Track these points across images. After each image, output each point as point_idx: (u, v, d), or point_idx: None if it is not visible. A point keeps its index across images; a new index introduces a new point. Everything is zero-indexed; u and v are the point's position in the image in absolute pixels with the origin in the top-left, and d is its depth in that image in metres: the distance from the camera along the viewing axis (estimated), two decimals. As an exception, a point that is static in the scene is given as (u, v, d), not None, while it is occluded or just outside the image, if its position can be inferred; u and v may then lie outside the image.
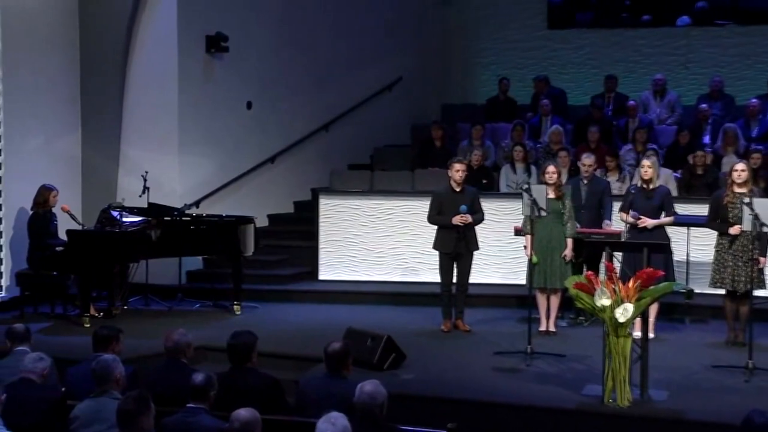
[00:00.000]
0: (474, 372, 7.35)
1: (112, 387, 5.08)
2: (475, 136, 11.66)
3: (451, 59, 14.33)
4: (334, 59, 12.41)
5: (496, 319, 9.17)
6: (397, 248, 10.50)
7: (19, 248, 9.53)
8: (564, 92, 13.07)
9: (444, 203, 8.63)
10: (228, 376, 5.42)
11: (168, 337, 5.77)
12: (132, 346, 7.15)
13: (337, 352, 5.38)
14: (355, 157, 12.57)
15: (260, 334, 5.75)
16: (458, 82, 14.31)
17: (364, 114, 12.88)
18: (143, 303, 9.83)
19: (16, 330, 6.13)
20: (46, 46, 10.09)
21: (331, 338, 5.79)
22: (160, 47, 10.38)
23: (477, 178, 10.14)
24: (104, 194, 10.22)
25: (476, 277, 9.17)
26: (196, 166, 10.68)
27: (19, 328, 6.14)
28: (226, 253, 9.59)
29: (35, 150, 9.99)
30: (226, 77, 10.99)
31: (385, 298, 9.99)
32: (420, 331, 8.68)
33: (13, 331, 6.12)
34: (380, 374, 6.71)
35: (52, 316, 9.25)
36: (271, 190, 11.61)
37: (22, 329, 6.14)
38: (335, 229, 10.62)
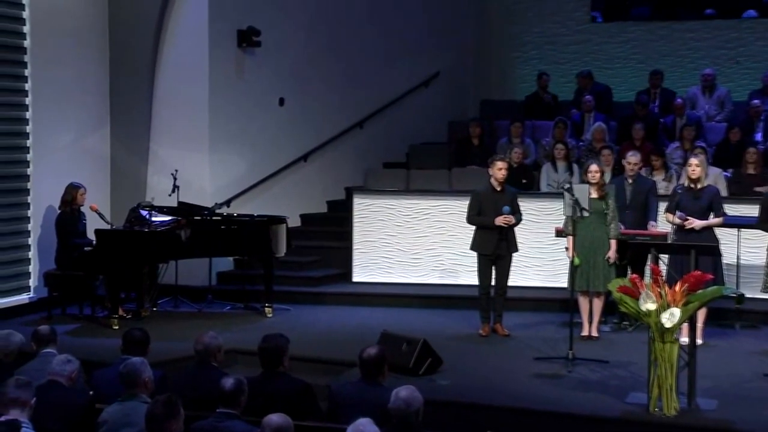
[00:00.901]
0: (513, 378, 7.32)
1: (140, 390, 5.12)
2: (515, 133, 11.61)
3: (489, 54, 14.28)
4: (369, 54, 12.42)
5: (536, 323, 9.13)
6: (433, 249, 10.49)
7: (47, 248, 9.64)
8: (609, 88, 12.96)
9: (484, 203, 8.60)
10: (259, 381, 5.44)
11: (198, 340, 5.80)
12: (161, 349, 7.19)
13: (373, 358, 5.37)
14: (391, 155, 12.57)
15: (292, 337, 5.76)
16: (497, 78, 14.26)
17: (399, 110, 12.88)
18: (173, 305, 9.90)
19: (41, 332, 6.19)
20: (74, 42, 10.20)
21: (365, 342, 5.80)
22: (190, 42, 10.45)
23: (516, 177, 10.09)
24: (133, 193, 10.31)
25: (516, 279, 9.15)
26: (226, 164, 10.73)
27: (44, 330, 6.21)
28: (257, 253, 9.64)
29: (64, 148, 10.10)
30: (258, 73, 11.04)
31: (421, 301, 9.98)
32: (457, 335, 8.66)
33: (38, 333, 6.19)
34: (416, 380, 6.70)
35: (80, 317, 9.35)
36: (304, 189, 11.64)
37: (47, 331, 6.20)
38: (370, 229, 10.62)
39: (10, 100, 9.59)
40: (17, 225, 9.68)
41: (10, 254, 9.59)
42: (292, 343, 5.70)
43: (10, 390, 4.68)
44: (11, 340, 6.14)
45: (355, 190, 10.90)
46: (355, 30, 12.25)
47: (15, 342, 6.15)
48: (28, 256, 9.77)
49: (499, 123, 12.49)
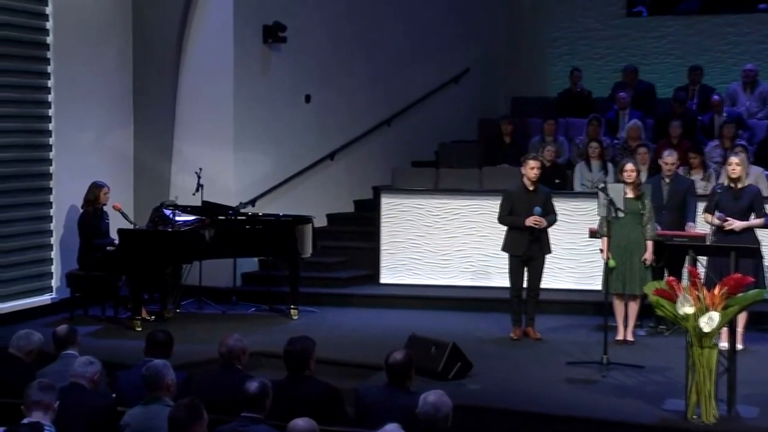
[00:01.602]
0: (545, 383, 7.29)
1: (163, 393, 5.13)
2: (548, 131, 11.57)
3: (521, 49, 14.24)
4: (397, 49, 12.42)
5: (569, 326, 9.10)
6: (463, 250, 10.47)
7: (69, 248, 9.72)
8: (652, 86, 12.84)
9: (516, 203, 8.58)
10: (284, 384, 5.44)
11: (222, 343, 5.82)
12: (185, 352, 7.23)
13: (399, 362, 5.36)
14: (419, 154, 12.56)
15: (318, 340, 5.76)
16: (529, 74, 14.20)
17: (428, 108, 12.87)
18: (196, 306, 9.95)
19: (59, 333, 6.21)
20: (98, 38, 10.28)
21: (392, 345, 5.79)
22: (215, 38, 10.50)
23: (549, 176, 10.05)
24: (157, 192, 10.37)
25: (548, 281, 9.12)
26: (251, 162, 10.77)
27: (62, 331, 6.22)
28: (282, 254, 9.66)
29: (86, 146, 10.17)
30: (283, 69, 11.07)
31: (450, 303, 9.97)
32: (488, 338, 8.64)
33: (56, 334, 6.22)
34: (445, 384, 6.68)
35: (102, 318, 9.42)
36: (331, 188, 11.65)
37: (65, 331, 6.22)
38: (398, 229, 10.62)
39: (33, 97, 9.67)
40: (39, 224, 9.76)
41: (32, 254, 9.67)
42: (318, 345, 5.70)
43: (34, 392, 4.72)
44: (31, 339, 6.19)
45: (383, 190, 10.90)
46: (383, 25, 12.25)
47: (34, 341, 6.19)
48: (51, 256, 9.85)
49: (532, 120, 12.45)
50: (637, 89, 12.49)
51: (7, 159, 9.41)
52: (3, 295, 9.34)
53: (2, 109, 9.34)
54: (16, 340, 6.18)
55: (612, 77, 13.37)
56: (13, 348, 6.16)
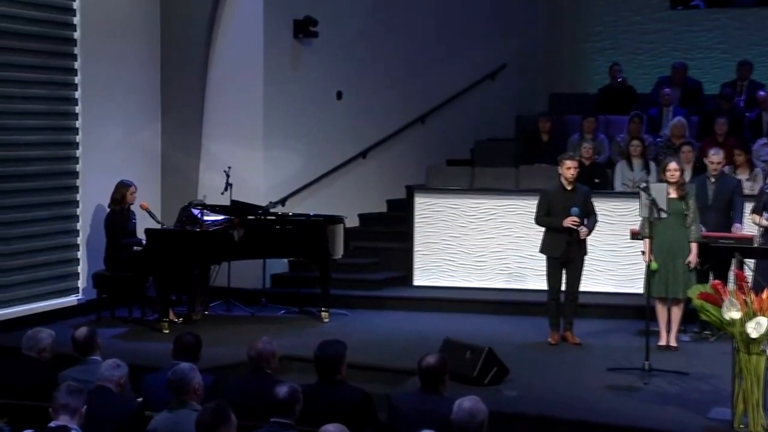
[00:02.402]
0: (584, 390, 7.26)
1: (190, 398, 5.16)
2: (587, 128, 11.52)
3: (561, 43, 14.18)
4: (431, 44, 12.40)
5: (609, 331, 9.05)
6: (499, 252, 10.44)
7: (96, 248, 9.79)
8: (700, 84, 12.73)
9: (553, 203, 8.55)
10: (315, 389, 5.45)
11: (251, 346, 5.84)
12: (213, 355, 7.26)
13: (432, 367, 5.36)
14: (454, 152, 12.54)
15: (349, 343, 5.77)
16: (568, 69, 14.15)
17: (464, 104, 12.85)
18: (225, 308, 10.00)
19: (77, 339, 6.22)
20: (125, 34, 10.35)
21: (426, 349, 5.78)
22: (244, 33, 10.54)
23: (589, 175, 10.00)
24: (185, 191, 10.43)
25: (588, 284, 9.08)
26: (282, 161, 10.80)
27: (79, 336, 6.23)
28: (313, 255, 9.67)
29: (113, 144, 10.24)
30: (314, 65, 11.09)
31: (486, 306, 9.94)
32: (524, 343, 8.62)
33: (75, 341, 6.23)
34: (480, 390, 6.67)
35: (129, 320, 9.48)
36: (363, 187, 11.67)
37: (82, 337, 6.22)
38: (432, 230, 10.61)
39: (59, 94, 9.76)
40: (65, 224, 9.84)
41: (58, 254, 9.75)
42: (350, 349, 5.71)
43: (61, 395, 4.76)
44: (39, 337, 6.24)
45: (417, 189, 10.89)
46: (417, 19, 12.24)
47: (44, 339, 6.24)
48: (77, 257, 9.93)
49: (571, 118, 12.41)
50: (685, 87, 12.37)
51: (33, 157, 9.50)
52: (29, 297, 9.42)
53: (29, 106, 9.43)
54: (26, 341, 6.25)
55: (655, 72, 13.27)
56: (25, 349, 6.23)
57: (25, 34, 9.33)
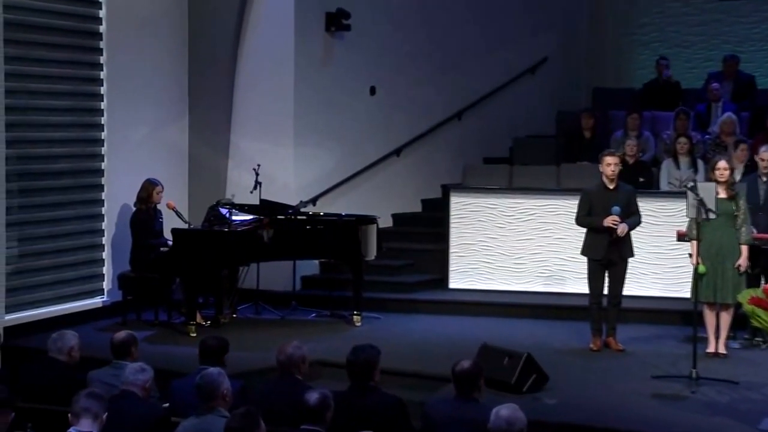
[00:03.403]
0: (628, 398, 7.22)
1: (218, 404, 5.19)
2: (631, 125, 11.45)
3: (604, 36, 14.10)
4: (468, 38, 12.38)
5: (654, 337, 9.00)
6: (539, 254, 10.40)
7: (121, 248, 9.87)
8: (752, 77, 12.60)
9: (594, 202, 8.51)
10: (347, 396, 5.46)
11: (281, 350, 5.86)
12: (241, 359, 7.30)
13: (467, 372, 5.36)
14: (492, 150, 12.51)
15: (383, 348, 5.78)
16: (612, 63, 14.07)
17: (502, 100, 12.81)
18: (254, 311, 10.04)
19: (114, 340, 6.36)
20: (152, 28, 10.42)
21: (462, 355, 5.78)
22: (274, 26, 10.57)
23: (633, 174, 9.94)
24: (212, 190, 10.49)
25: (631, 288, 9.01)
26: (313, 158, 10.83)
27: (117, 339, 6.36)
28: (345, 256, 9.69)
29: (139, 141, 10.32)
30: (347, 59, 11.11)
31: (524, 310, 9.92)
32: (565, 349, 8.60)
33: (112, 342, 6.36)
34: (519, 398, 6.67)
35: (155, 323, 9.55)
36: (397, 186, 11.67)
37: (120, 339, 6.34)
38: (468, 231, 10.59)
39: (84, 90, 9.84)
40: (91, 223, 9.92)
41: (83, 254, 9.83)
42: (383, 354, 5.71)
43: (81, 399, 4.81)
44: (66, 338, 6.35)
45: (453, 188, 10.87)
46: (454, 11, 12.22)
47: (70, 339, 6.33)
48: (102, 257, 10.01)
49: (614, 114, 12.34)
50: (737, 81, 12.25)
51: (58, 154, 9.59)
52: (53, 298, 9.51)
53: (53, 102, 9.52)
54: (52, 343, 6.35)
55: (703, 67, 13.16)
56: (53, 351, 6.31)
57: (49, 27, 9.42)
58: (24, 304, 9.22)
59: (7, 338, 7.93)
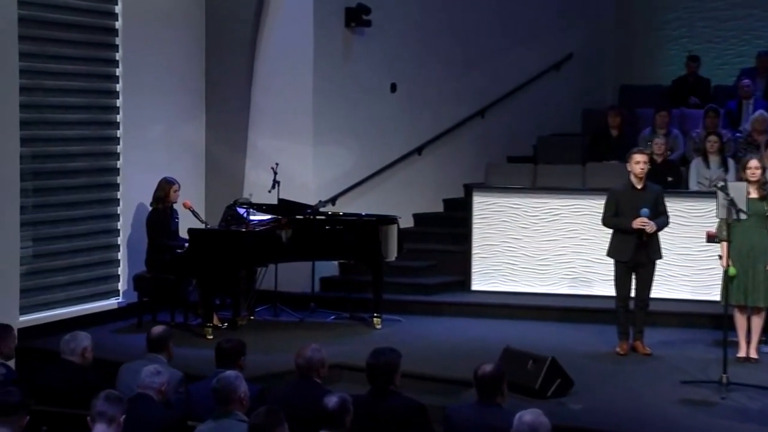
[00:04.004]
0: (656, 404, 7.20)
1: (235, 407, 5.21)
2: (660, 123, 11.41)
3: (632, 32, 14.06)
4: (491, 32, 12.37)
5: (683, 341, 8.98)
6: (564, 255, 10.39)
7: (137, 248, 9.91)
8: None
9: (622, 203, 8.49)
10: (366, 400, 5.47)
11: (299, 353, 5.88)
12: (259, 363, 7.33)
13: (489, 376, 5.36)
14: (516, 148, 12.50)
15: (404, 351, 5.78)
16: (640, 59, 14.03)
17: (526, 97, 12.80)
18: (272, 313, 10.06)
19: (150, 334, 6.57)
20: (169, 23, 10.46)
21: (485, 359, 5.77)
22: (293, 22, 10.59)
23: (661, 173, 9.91)
24: (230, 189, 10.52)
25: (659, 290, 9.01)
26: (332, 157, 10.84)
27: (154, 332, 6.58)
28: (365, 257, 9.70)
29: (156, 139, 10.36)
30: (367, 55, 11.12)
31: (549, 313, 9.91)
32: (591, 353, 8.58)
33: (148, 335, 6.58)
34: (543, 403, 6.64)
35: (171, 325, 9.55)
36: (418, 185, 11.67)
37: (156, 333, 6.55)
38: (491, 231, 10.58)
39: (100, 87, 9.89)
40: (106, 223, 9.98)
41: (98, 255, 9.88)
42: (404, 358, 5.72)
43: (99, 403, 4.84)
44: (79, 338, 6.40)
45: (476, 187, 10.87)
46: (477, 5, 12.21)
47: (82, 339, 6.37)
48: (117, 258, 10.06)
49: (642, 111, 12.30)
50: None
51: (73, 153, 9.64)
52: (68, 299, 9.57)
53: (68, 99, 9.58)
54: (65, 345, 6.41)
55: (734, 63, 13.09)
56: (66, 353, 6.35)
57: (64, 23, 9.47)
58: (38, 305, 9.28)
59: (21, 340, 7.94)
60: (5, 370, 6.30)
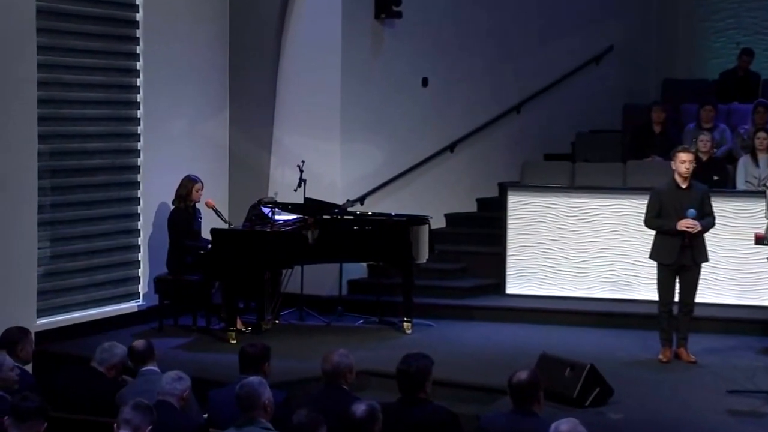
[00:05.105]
0: (701, 414, 7.18)
1: (259, 414, 5.22)
2: (705, 119, 11.36)
3: (675, 23, 13.99)
4: (528, 25, 12.35)
5: (729, 348, 8.92)
6: (604, 257, 10.35)
7: (158, 249, 9.96)
8: None
9: (665, 203, 8.45)
10: (396, 408, 5.47)
11: (326, 359, 5.89)
12: (284, 368, 7.34)
13: (524, 383, 5.35)
14: (553, 145, 12.48)
15: (435, 357, 5.78)
16: (685, 52, 13.96)
17: (564, 92, 12.76)
18: (297, 317, 10.09)
19: (136, 348, 6.41)
20: (192, 15, 10.51)
21: (520, 366, 5.76)
22: (320, 13, 10.62)
23: (707, 172, 9.87)
24: (254, 187, 10.56)
25: (704, 295, 8.97)
26: (360, 155, 10.86)
27: (139, 346, 6.41)
28: (395, 259, 9.71)
29: (178, 135, 10.41)
30: (398, 48, 11.12)
31: (588, 318, 9.88)
32: (632, 360, 8.55)
33: (132, 351, 6.41)
34: (581, 412, 6.64)
35: (193, 329, 9.63)
36: (450, 184, 11.67)
37: (142, 347, 6.40)
38: (527, 232, 10.56)
39: (120, 81, 9.95)
40: (126, 222, 10.03)
41: (118, 256, 9.94)
42: (436, 364, 5.71)
43: (126, 411, 4.87)
44: (114, 352, 6.40)
45: (511, 186, 10.86)
46: (513, -3, 12.21)
47: (117, 355, 6.40)
48: (138, 259, 10.11)
49: (686, 107, 12.25)
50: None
51: (92, 150, 9.71)
52: (86, 302, 9.63)
53: (87, 94, 9.64)
54: (99, 353, 6.40)
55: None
56: (95, 361, 6.37)
57: (83, 15, 9.54)
58: (56, 308, 9.34)
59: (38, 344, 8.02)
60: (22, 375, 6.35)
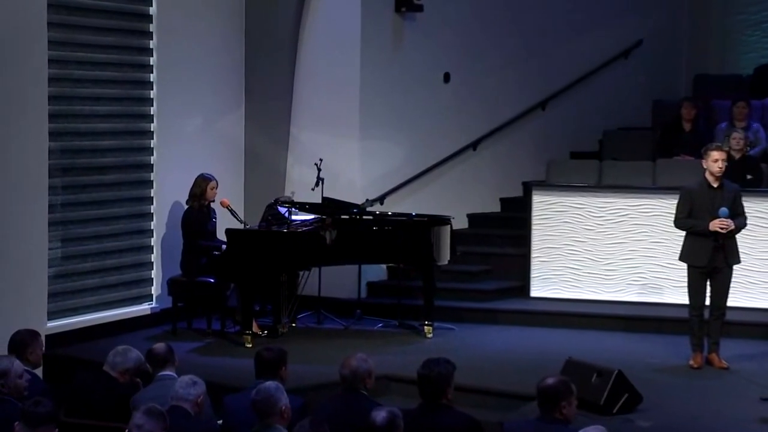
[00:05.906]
0: (732, 422, 7.16)
1: (275, 420, 5.23)
2: (738, 115, 11.32)
3: (707, 16, 13.94)
4: (553, 18, 12.33)
5: (762, 354, 8.90)
6: (632, 259, 10.33)
7: (172, 250, 9.99)
8: None
9: (696, 203, 8.42)
10: (417, 414, 5.48)
11: (345, 363, 5.89)
12: (301, 373, 7.36)
13: (552, 389, 5.34)
14: (580, 143, 12.46)
15: (457, 362, 5.78)
16: (717, 47, 13.90)
17: (591, 88, 12.74)
18: (315, 320, 10.11)
19: (156, 352, 6.42)
20: (206, 9, 10.53)
21: (545, 371, 5.76)
22: (339, 7, 10.64)
23: (739, 170, 9.84)
24: (270, 186, 10.58)
25: (736, 298, 8.95)
26: (380, 153, 10.86)
27: (159, 350, 6.43)
28: (415, 261, 9.71)
29: (192, 133, 10.44)
30: (419, 43, 11.12)
31: (615, 322, 9.87)
32: (661, 366, 8.54)
33: (152, 354, 6.42)
34: (608, 420, 6.65)
35: (208, 332, 9.65)
36: (473, 183, 11.66)
37: (162, 350, 6.42)
38: (552, 233, 10.55)
39: (133, 77, 9.99)
40: (139, 222, 10.07)
41: (130, 256, 9.99)
42: (458, 369, 5.72)
43: (138, 416, 4.88)
44: (128, 357, 6.40)
45: (535, 186, 10.84)
46: (538, -11, 12.19)
47: (132, 360, 6.41)
48: (151, 260, 10.15)
49: (718, 103, 12.21)
50: None
51: (104, 147, 9.75)
52: (98, 304, 9.68)
53: (99, 90, 9.68)
54: (112, 357, 6.41)
55: None
56: (108, 365, 6.39)
57: (95, 9, 9.58)
58: (67, 310, 9.39)
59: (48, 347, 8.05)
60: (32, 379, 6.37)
